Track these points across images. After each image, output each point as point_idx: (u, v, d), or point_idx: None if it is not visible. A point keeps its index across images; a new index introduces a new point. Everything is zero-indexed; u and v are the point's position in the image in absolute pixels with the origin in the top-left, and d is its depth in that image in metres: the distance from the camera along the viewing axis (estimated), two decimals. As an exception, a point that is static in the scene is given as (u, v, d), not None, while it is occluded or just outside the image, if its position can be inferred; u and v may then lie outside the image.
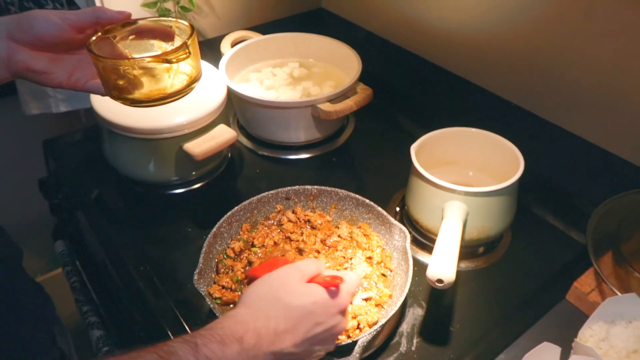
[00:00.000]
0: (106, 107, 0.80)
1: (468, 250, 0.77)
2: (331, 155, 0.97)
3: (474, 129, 0.78)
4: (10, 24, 0.58)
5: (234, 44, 1.04)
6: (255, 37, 1.06)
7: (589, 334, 0.54)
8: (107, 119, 0.79)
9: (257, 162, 0.96)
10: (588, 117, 0.85)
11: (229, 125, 0.86)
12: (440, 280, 0.59)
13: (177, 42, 0.61)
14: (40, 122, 1.15)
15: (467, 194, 0.69)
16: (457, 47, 1.00)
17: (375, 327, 0.60)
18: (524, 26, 0.89)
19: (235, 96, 0.92)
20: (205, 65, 0.92)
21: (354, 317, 0.64)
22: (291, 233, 0.76)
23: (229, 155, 0.96)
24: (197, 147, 0.80)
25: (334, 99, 0.90)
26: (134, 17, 0.62)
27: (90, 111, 0.83)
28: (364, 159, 0.98)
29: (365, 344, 0.59)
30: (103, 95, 0.62)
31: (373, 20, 1.15)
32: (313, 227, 0.77)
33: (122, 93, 0.60)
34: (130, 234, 0.82)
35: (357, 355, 0.58)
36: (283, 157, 0.97)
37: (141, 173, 0.86)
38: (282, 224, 0.78)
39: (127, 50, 0.62)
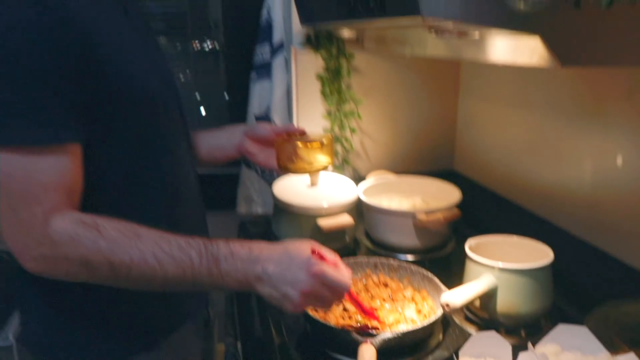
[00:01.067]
0: (279, 191, 1.28)
1: (509, 327, 0.94)
2: (428, 262, 1.24)
3: (517, 237, 1.01)
4: (246, 127, 1.12)
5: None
6: (391, 176, 1.47)
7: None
8: (277, 197, 1.26)
9: (368, 254, 1.29)
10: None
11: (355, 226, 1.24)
12: (447, 305, 0.82)
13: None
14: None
15: (499, 269, 0.92)
16: (550, 197, 1.24)
17: (396, 332, 0.84)
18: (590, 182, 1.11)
19: (363, 204, 1.31)
20: (350, 183, 1.35)
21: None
22: (371, 287, 1.06)
23: (352, 246, 1.32)
24: (324, 221, 1.19)
25: (430, 212, 1.22)
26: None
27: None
28: (452, 270, 1.22)
29: (384, 340, 0.83)
30: (276, 169, 1.09)
31: (489, 179, 1.46)
32: (386, 287, 1.05)
33: (284, 166, 1.06)
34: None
35: (377, 342, 0.81)
36: (389, 254, 1.27)
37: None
38: (365, 282, 1.08)
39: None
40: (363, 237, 1.37)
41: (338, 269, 0.78)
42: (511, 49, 0.80)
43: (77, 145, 0.71)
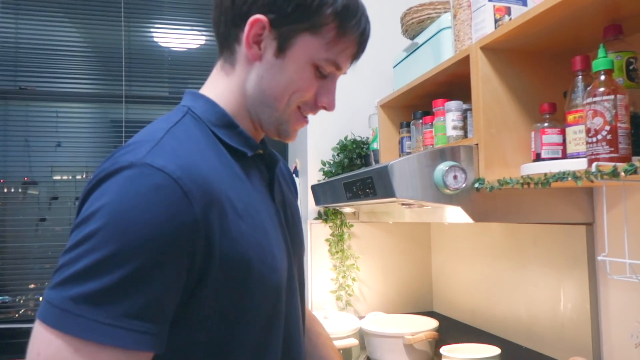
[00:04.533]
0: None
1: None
2: (416, 375, 1.64)
3: (476, 344, 1.45)
4: None
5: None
6: (384, 315, 1.92)
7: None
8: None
9: (372, 373, 1.69)
10: None
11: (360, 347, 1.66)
12: None
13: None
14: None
15: (461, 361, 1.35)
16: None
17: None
18: None
19: (364, 331, 1.74)
20: (354, 318, 1.80)
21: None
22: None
23: (358, 366, 1.72)
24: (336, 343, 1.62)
25: (415, 334, 1.66)
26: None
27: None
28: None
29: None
30: None
31: (461, 314, 1.93)
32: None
33: None
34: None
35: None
36: (387, 372, 1.67)
37: None
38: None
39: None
40: (366, 358, 1.77)
41: None
42: (449, 214, 1.37)
43: (149, 354, 0.61)
